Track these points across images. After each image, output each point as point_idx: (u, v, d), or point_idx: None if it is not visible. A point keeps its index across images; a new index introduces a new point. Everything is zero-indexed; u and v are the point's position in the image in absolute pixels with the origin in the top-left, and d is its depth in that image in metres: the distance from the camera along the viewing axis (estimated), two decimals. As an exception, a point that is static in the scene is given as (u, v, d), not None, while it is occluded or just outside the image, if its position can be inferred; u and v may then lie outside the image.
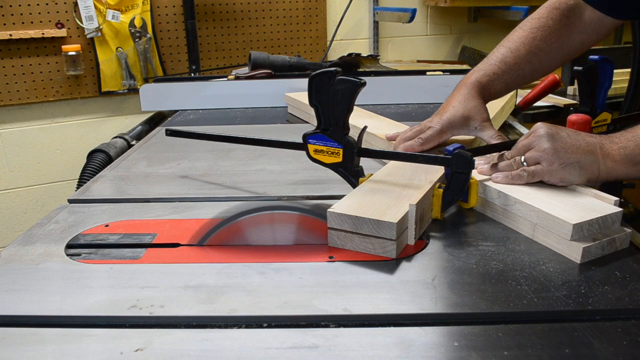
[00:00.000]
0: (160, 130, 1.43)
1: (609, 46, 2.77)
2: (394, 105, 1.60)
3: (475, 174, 0.83)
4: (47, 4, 2.13)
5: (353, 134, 0.82)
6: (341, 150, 0.81)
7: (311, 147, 0.83)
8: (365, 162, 0.86)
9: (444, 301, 0.59)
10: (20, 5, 2.10)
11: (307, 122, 1.42)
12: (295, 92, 1.55)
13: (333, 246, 0.73)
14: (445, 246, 0.72)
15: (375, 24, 2.66)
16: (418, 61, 2.60)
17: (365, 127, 0.86)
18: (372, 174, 0.84)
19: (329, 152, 0.82)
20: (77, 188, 1.12)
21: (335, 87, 0.77)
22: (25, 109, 2.24)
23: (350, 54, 1.82)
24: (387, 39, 2.73)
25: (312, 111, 0.81)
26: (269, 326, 0.57)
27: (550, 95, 1.78)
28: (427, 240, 0.74)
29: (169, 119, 1.58)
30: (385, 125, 1.17)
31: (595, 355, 0.51)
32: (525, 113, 1.78)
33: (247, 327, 0.57)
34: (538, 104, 1.79)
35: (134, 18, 2.24)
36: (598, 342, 0.53)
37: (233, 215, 0.82)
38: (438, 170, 0.83)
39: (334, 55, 2.33)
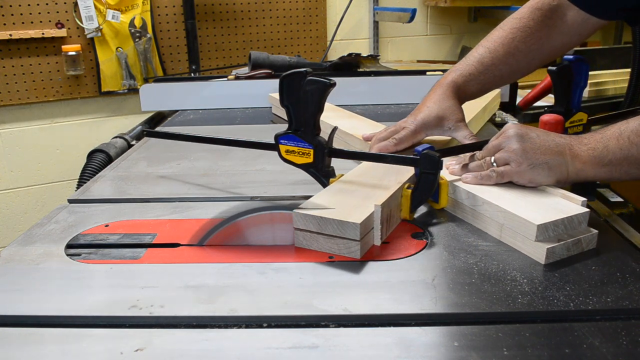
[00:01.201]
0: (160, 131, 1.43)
1: (609, 46, 2.77)
2: (394, 105, 1.60)
3: (446, 175, 0.84)
4: (47, 4, 2.13)
5: (335, 135, 0.82)
6: (312, 150, 0.81)
7: (283, 148, 0.83)
8: (343, 163, 0.85)
9: (444, 301, 0.59)
10: (20, 5, 2.10)
11: None
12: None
13: (299, 247, 0.73)
14: (445, 246, 0.72)
15: (375, 24, 2.66)
16: (418, 61, 2.60)
17: (335, 128, 0.85)
18: (343, 175, 0.84)
19: (300, 153, 0.82)
20: (77, 188, 1.12)
21: (306, 88, 0.78)
22: (25, 109, 2.24)
23: (350, 54, 1.82)
24: (387, 39, 2.73)
25: None
26: (269, 326, 0.57)
27: (550, 95, 1.78)
28: (427, 240, 0.74)
29: (169, 119, 1.58)
30: (364, 125, 1.17)
31: (595, 355, 0.51)
32: (525, 113, 1.78)
33: (247, 327, 0.57)
34: (538, 103, 1.79)
35: (134, 18, 2.24)
36: (598, 342, 0.53)
37: (233, 215, 0.82)
38: (409, 171, 0.83)
39: (334, 55, 2.33)
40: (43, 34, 2.13)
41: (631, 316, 0.57)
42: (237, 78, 1.68)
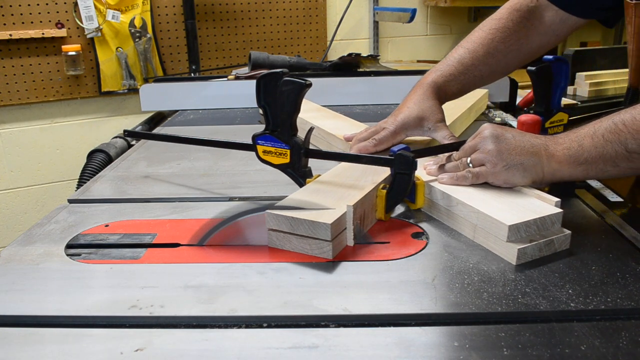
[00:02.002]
0: (160, 131, 1.44)
1: (609, 46, 2.77)
2: (394, 106, 1.59)
3: (424, 175, 0.84)
4: (47, 4, 2.13)
5: (318, 135, 0.82)
6: (288, 151, 0.82)
7: (260, 148, 0.84)
8: (323, 163, 0.86)
9: (444, 301, 0.59)
10: (20, 5, 2.10)
11: None
12: None
13: (272, 247, 0.73)
14: (445, 246, 0.72)
15: (375, 24, 2.66)
16: (418, 61, 2.60)
17: (311, 129, 0.86)
18: (320, 175, 0.84)
19: (277, 153, 0.82)
20: (77, 188, 1.12)
21: (282, 89, 0.78)
22: (25, 109, 2.24)
23: (350, 54, 1.82)
24: (387, 39, 2.73)
25: None
26: (269, 326, 0.57)
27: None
28: (427, 240, 0.74)
29: (169, 119, 1.58)
30: (348, 126, 1.17)
31: (595, 355, 0.51)
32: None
33: (247, 327, 0.57)
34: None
35: (134, 18, 2.24)
36: (598, 342, 0.53)
37: (233, 215, 0.82)
38: (386, 172, 0.83)
39: (334, 55, 2.33)
40: (43, 34, 2.13)
41: (631, 316, 0.57)
42: (237, 78, 1.68)
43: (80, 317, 0.59)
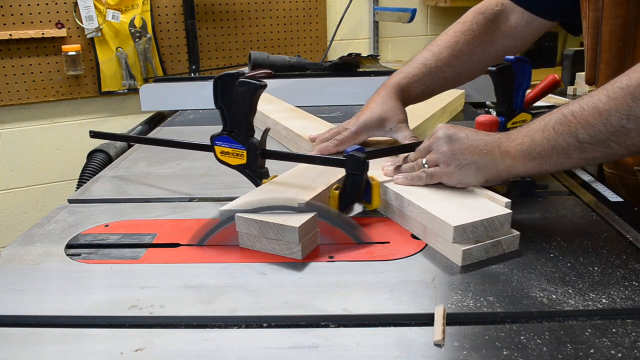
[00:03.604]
0: (160, 130, 1.44)
1: (609, 46, 2.76)
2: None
3: (380, 175, 0.84)
4: (47, 4, 2.13)
5: (287, 136, 0.81)
6: (245, 152, 0.82)
7: (218, 149, 0.84)
8: (288, 164, 0.86)
9: (444, 301, 0.59)
10: (20, 5, 2.10)
11: None
12: None
13: (244, 247, 0.74)
14: (445, 246, 0.72)
15: (375, 24, 2.66)
16: (418, 61, 2.59)
17: (267, 129, 0.86)
18: (276, 176, 0.85)
19: (234, 154, 0.83)
20: (77, 188, 1.12)
21: (237, 90, 0.78)
22: (25, 109, 2.24)
23: (350, 54, 1.82)
24: (387, 39, 2.73)
25: (258, 115, 0.81)
26: (269, 326, 0.57)
27: (550, 95, 1.78)
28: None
29: (169, 118, 1.58)
30: (317, 126, 1.16)
31: (595, 355, 0.51)
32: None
33: (247, 327, 0.57)
34: (538, 103, 1.79)
35: (134, 18, 2.24)
36: (598, 342, 0.53)
37: (233, 216, 0.82)
38: (342, 172, 0.83)
39: (334, 55, 2.33)
40: (43, 34, 2.13)
41: (631, 316, 0.57)
42: (237, 78, 1.67)
43: (80, 317, 0.59)
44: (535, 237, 0.75)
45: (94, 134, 1.05)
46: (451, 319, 0.57)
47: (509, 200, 0.73)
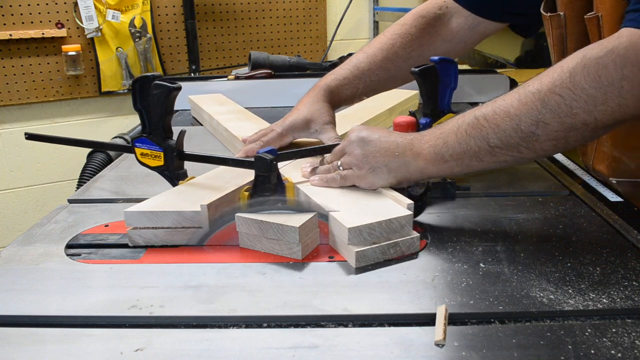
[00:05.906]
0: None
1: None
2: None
3: (298, 177, 0.84)
4: (47, 4, 2.13)
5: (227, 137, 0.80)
6: (162, 153, 0.83)
7: (138, 151, 0.85)
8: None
9: (444, 301, 0.59)
10: (20, 5, 2.10)
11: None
12: (198, 95, 1.52)
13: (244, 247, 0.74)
14: (445, 246, 0.72)
15: (375, 24, 2.66)
16: (418, 61, 2.60)
17: (183, 131, 0.86)
18: (194, 177, 0.85)
19: (153, 156, 0.84)
20: (77, 188, 1.12)
21: (153, 92, 0.79)
22: (25, 109, 2.24)
23: (350, 54, 1.82)
24: (387, 39, 2.73)
25: (206, 116, 0.81)
26: (269, 326, 0.57)
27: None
28: (427, 240, 0.74)
29: (169, 119, 1.57)
30: (256, 128, 1.14)
31: (595, 355, 0.51)
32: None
33: (247, 327, 0.57)
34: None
35: (134, 18, 2.24)
36: (598, 342, 0.53)
37: (233, 216, 0.82)
38: None
39: (334, 55, 2.33)
40: (43, 34, 2.13)
41: (631, 316, 0.57)
42: (237, 78, 1.68)
43: (80, 317, 0.59)
44: (535, 237, 0.75)
45: (29, 136, 1.02)
46: (451, 319, 0.57)
47: (411, 202, 0.73)
